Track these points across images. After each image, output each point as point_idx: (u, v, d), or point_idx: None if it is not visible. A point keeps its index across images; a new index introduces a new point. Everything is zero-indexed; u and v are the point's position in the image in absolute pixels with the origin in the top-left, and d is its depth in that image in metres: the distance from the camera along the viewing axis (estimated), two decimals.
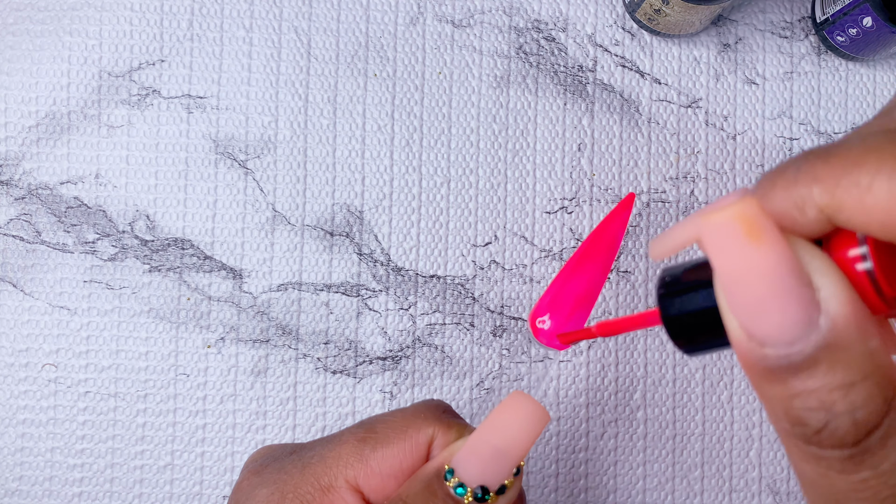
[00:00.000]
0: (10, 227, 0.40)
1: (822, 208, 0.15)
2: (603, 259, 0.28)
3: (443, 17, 0.41)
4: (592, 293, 0.29)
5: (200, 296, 0.40)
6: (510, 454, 0.24)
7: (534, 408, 0.24)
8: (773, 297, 0.15)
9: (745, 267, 0.15)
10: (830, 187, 0.15)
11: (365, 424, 0.26)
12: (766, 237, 0.15)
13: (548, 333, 0.27)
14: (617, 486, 0.40)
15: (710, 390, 0.41)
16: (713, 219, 0.16)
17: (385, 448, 0.25)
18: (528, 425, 0.24)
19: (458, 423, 0.26)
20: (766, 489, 0.40)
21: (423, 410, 0.26)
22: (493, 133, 0.41)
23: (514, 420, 0.24)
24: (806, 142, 0.42)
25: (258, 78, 0.41)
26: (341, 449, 0.25)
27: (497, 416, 0.24)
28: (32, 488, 0.39)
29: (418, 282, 0.40)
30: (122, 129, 0.40)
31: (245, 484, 0.25)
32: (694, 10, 0.37)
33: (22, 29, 0.40)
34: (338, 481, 0.24)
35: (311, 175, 0.41)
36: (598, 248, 0.29)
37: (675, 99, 0.41)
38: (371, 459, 0.25)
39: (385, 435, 0.25)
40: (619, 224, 0.29)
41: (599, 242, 0.28)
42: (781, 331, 0.15)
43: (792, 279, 0.15)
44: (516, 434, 0.24)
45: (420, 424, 0.25)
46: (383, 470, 0.25)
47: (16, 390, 0.40)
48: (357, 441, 0.25)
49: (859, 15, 0.37)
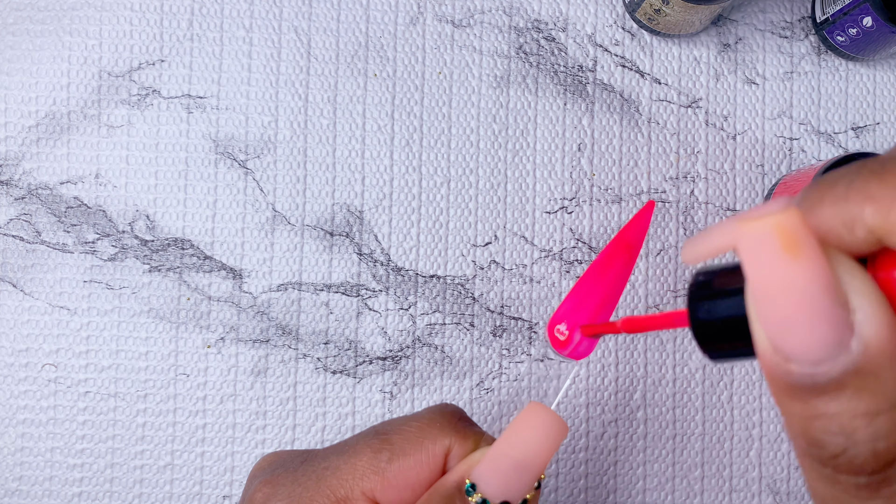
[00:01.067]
0: (10, 227, 0.40)
1: (874, 229, 0.14)
2: (621, 268, 0.27)
3: (443, 17, 0.41)
4: (610, 302, 0.29)
5: (200, 296, 0.40)
6: (531, 468, 0.23)
7: (552, 420, 0.24)
8: (805, 315, 0.14)
9: (778, 280, 0.14)
10: (885, 208, 0.14)
11: (380, 434, 0.26)
12: (804, 252, 0.14)
13: (566, 343, 0.27)
14: (617, 486, 0.40)
15: (710, 390, 0.41)
16: (751, 227, 0.15)
17: (402, 459, 0.24)
18: (548, 438, 0.24)
19: (475, 433, 0.26)
20: (766, 489, 0.40)
21: (438, 419, 0.26)
22: (493, 133, 0.41)
23: (533, 433, 0.24)
24: (806, 142, 0.42)
25: (258, 78, 0.41)
26: (357, 460, 0.25)
27: (516, 430, 0.24)
28: (32, 488, 0.39)
29: (418, 282, 0.40)
30: (122, 129, 0.40)
31: (259, 496, 0.25)
32: (694, 10, 0.37)
33: (22, 29, 0.40)
34: (354, 493, 0.24)
35: (311, 175, 0.41)
36: (616, 257, 0.28)
37: (675, 99, 0.41)
38: (387, 471, 0.24)
39: (401, 446, 0.25)
40: (637, 232, 0.28)
41: (618, 251, 0.28)
42: (809, 349, 0.14)
43: (826, 298, 0.14)
44: (536, 448, 0.24)
45: (436, 435, 0.25)
46: (400, 482, 0.24)
47: (16, 390, 0.40)
48: (373, 452, 0.25)
49: (859, 15, 0.37)
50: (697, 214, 0.41)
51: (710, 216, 0.41)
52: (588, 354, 0.26)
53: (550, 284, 0.41)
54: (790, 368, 0.15)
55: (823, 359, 0.14)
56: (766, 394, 0.41)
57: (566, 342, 0.27)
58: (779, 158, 0.41)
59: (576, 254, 0.41)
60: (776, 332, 0.15)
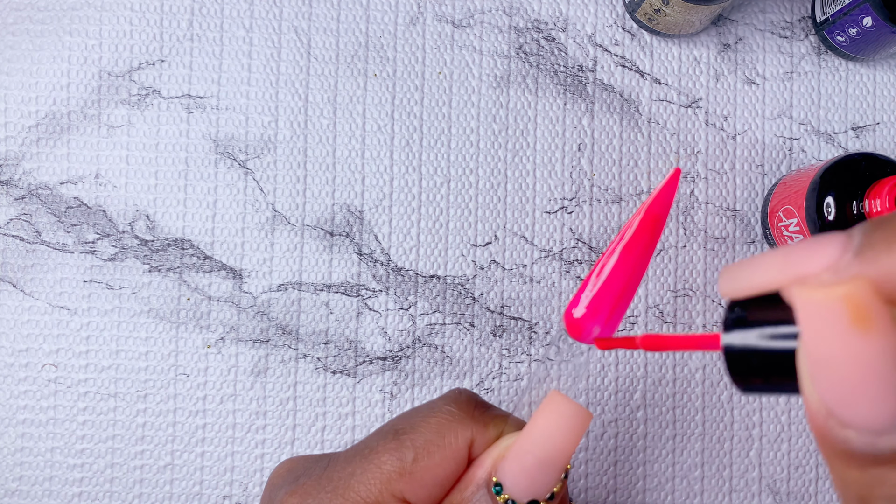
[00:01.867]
0: (10, 227, 0.40)
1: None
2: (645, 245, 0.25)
3: (443, 17, 0.41)
4: (632, 285, 0.26)
5: (200, 296, 0.40)
6: (555, 463, 0.23)
7: (574, 410, 0.23)
8: (870, 387, 0.13)
9: (843, 352, 0.13)
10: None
11: (399, 433, 0.25)
12: (875, 326, 0.13)
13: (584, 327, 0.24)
14: (617, 486, 0.40)
15: (710, 390, 0.41)
16: (815, 296, 0.14)
17: (427, 458, 0.24)
18: (570, 431, 0.23)
19: (495, 418, 0.25)
20: (766, 489, 0.40)
21: (456, 411, 0.25)
22: (493, 133, 0.41)
23: (555, 427, 0.23)
24: (806, 142, 0.42)
25: (258, 78, 0.41)
26: (382, 463, 0.24)
27: (538, 424, 0.24)
28: (32, 488, 0.39)
29: (418, 282, 0.40)
30: (122, 129, 0.40)
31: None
32: (694, 10, 0.37)
33: (22, 29, 0.40)
34: (384, 497, 0.24)
35: (311, 175, 0.41)
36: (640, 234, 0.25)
37: (675, 99, 0.41)
38: (415, 472, 0.24)
39: (424, 445, 0.24)
40: (663, 204, 0.25)
41: (643, 226, 0.25)
42: (873, 421, 0.14)
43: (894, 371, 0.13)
44: (559, 442, 0.23)
45: (457, 429, 0.25)
46: (428, 481, 0.24)
47: (16, 390, 0.40)
48: (397, 454, 0.24)
49: (859, 15, 0.37)
50: (697, 214, 0.41)
51: (710, 216, 0.41)
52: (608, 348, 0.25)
53: (550, 284, 0.41)
54: (847, 435, 0.14)
55: (887, 430, 0.14)
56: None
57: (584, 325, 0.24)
58: (779, 158, 0.41)
59: (576, 254, 0.41)
60: (834, 399, 0.14)
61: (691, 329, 0.41)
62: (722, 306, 0.41)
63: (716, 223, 0.41)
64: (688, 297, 0.41)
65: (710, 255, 0.41)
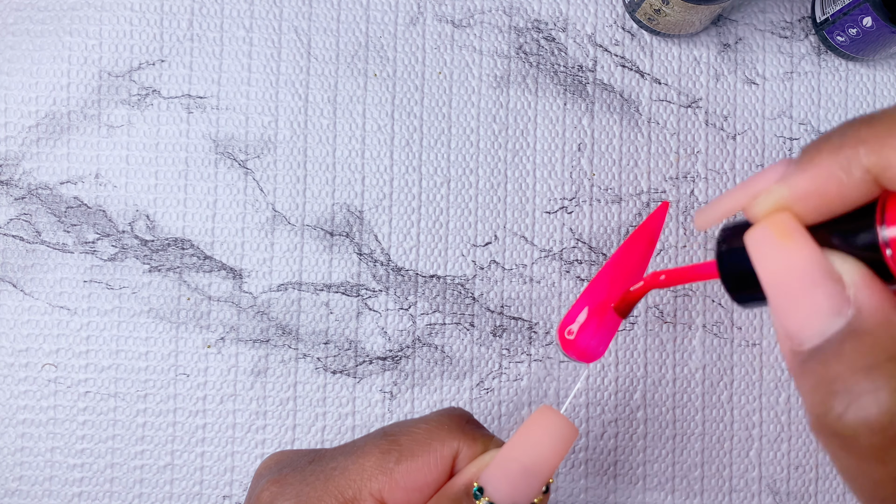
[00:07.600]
0: (10, 227, 0.40)
1: (869, 168, 0.16)
2: (633, 270, 0.27)
3: (443, 17, 0.41)
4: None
5: (200, 296, 0.40)
6: (539, 473, 0.23)
7: (562, 424, 0.24)
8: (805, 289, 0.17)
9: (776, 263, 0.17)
10: (876, 148, 0.16)
11: (388, 435, 0.25)
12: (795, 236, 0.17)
13: (576, 346, 0.26)
14: (617, 486, 0.40)
15: (710, 390, 0.41)
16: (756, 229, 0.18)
17: (410, 461, 0.24)
18: (557, 443, 0.24)
19: (483, 436, 0.26)
20: (766, 489, 0.40)
21: (446, 422, 0.26)
22: (493, 133, 0.41)
23: (542, 437, 0.24)
24: (806, 141, 0.42)
25: (258, 78, 0.41)
26: (365, 461, 0.24)
27: (525, 434, 0.24)
28: (32, 488, 0.39)
29: (418, 282, 0.40)
30: (122, 129, 0.40)
31: (265, 495, 0.25)
32: (694, 10, 0.37)
33: (22, 29, 0.40)
34: (362, 494, 0.24)
35: (311, 175, 0.41)
36: (628, 260, 0.28)
37: (675, 99, 0.41)
38: (395, 472, 0.24)
39: (409, 448, 0.25)
40: (651, 234, 0.28)
41: (630, 253, 0.28)
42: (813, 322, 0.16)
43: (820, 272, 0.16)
44: (545, 452, 0.24)
45: (445, 437, 0.25)
46: (408, 484, 0.24)
47: (16, 390, 0.40)
48: (381, 453, 0.25)
49: (859, 15, 0.37)
50: None
51: None
52: (599, 357, 0.26)
53: (550, 284, 0.41)
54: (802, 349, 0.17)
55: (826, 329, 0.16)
56: (765, 394, 0.41)
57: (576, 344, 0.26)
58: (779, 158, 0.41)
59: (576, 254, 0.41)
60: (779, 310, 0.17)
61: (691, 329, 0.41)
62: (722, 306, 0.41)
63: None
64: (688, 297, 0.41)
65: (710, 256, 0.41)
